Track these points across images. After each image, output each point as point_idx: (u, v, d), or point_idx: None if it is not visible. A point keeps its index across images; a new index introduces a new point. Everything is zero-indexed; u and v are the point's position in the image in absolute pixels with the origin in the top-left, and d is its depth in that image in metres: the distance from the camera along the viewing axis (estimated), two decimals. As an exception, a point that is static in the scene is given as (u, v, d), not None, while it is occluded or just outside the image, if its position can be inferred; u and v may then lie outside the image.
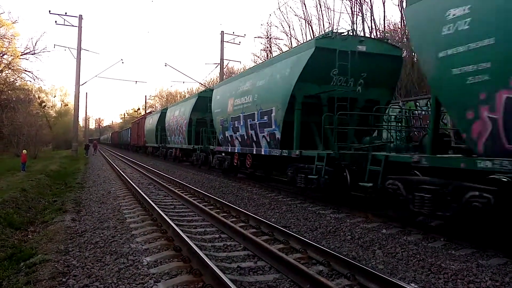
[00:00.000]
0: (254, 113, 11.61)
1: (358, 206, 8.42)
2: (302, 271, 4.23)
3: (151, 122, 32.30)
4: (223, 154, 15.15)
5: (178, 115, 22.56)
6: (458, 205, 5.46)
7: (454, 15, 5.47)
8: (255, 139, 11.94)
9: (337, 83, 9.54)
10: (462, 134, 5.75)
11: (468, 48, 5.26)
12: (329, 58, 9.15)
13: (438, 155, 6.24)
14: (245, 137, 12.64)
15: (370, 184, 7.30)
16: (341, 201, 8.94)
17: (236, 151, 13.63)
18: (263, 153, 11.48)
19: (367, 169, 7.45)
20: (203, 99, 18.77)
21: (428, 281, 4.43)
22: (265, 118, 10.93)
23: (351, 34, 9.68)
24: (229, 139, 14.15)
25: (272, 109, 10.51)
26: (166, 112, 27.07)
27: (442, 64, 5.71)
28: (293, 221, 7.55)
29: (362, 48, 9.51)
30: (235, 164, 14.03)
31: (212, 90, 17.25)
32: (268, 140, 11.09)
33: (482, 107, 5.16)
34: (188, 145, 20.84)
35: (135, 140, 42.08)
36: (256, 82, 11.73)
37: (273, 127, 10.56)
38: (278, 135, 10.40)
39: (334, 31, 9.63)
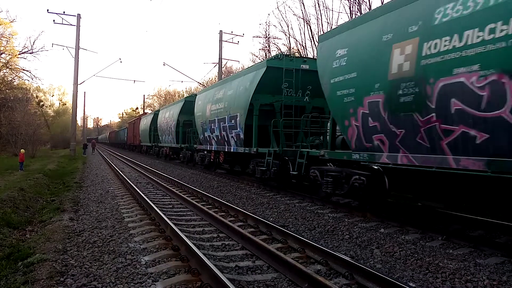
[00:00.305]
0: (225, 117, 13.92)
1: (297, 190, 10.77)
2: (300, 270, 4.24)
3: (145, 122, 34.32)
4: (205, 152, 17.41)
5: (168, 117, 24.61)
6: (348, 185, 7.75)
7: (339, 54, 7.78)
8: (226, 139, 14.23)
9: (288, 94, 11.85)
10: (344, 136, 8.00)
11: (344, 77, 7.56)
12: (279, 74, 11.55)
13: (334, 151, 8.49)
14: (219, 137, 14.93)
15: (296, 172, 9.82)
16: (286, 186, 11.28)
17: (213, 149, 16.06)
18: (232, 150, 13.83)
19: (296, 161, 9.84)
20: (189, 103, 20.49)
21: (426, 280, 4.44)
22: (233, 121, 13.26)
23: (297, 55, 12.67)
24: (208, 139, 16.49)
25: (237, 115, 12.83)
26: (158, 114, 28.80)
27: (332, 88, 7.98)
28: (292, 221, 7.56)
29: (305, 66, 11.82)
30: (211, 160, 16.49)
31: (196, 95, 19.53)
32: (235, 140, 13.37)
33: (352, 118, 7.44)
34: (176, 144, 22.91)
35: (131, 140, 44.06)
36: (227, 91, 14.11)
37: (238, 129, 12.89)
38: (241, 136, 12.71)
39: (282, 54, 12.54)
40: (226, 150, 14.50)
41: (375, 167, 7.38)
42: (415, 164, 6.10)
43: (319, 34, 13.91)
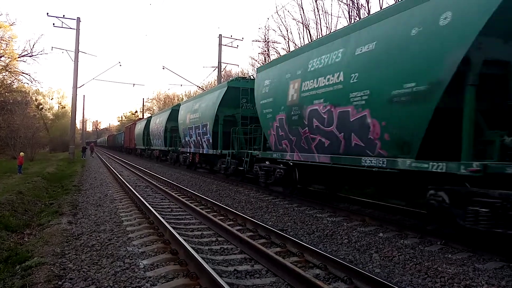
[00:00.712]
0: (199, 125, 17.15)
1: (251, 182, 13.37)
2: (299, 274, 4.23)
3: (139, 127, 37.18)
4: (187, 154, 20.36)
5: (158, 123, 27.46)
6: (274, 176, 10.61)
7: (265, 84, 10.78)
8: (200, 143, 17.47)
9: (245, 107, 14.92)
10: (268, 141, 11.11)
11: (267, 100, 10.62)
12: (237, 92, 14.83)
13: (265, 151, 11.45)
14: (196, 142, 18.21)
15: (242, 168, 13.01)
16: (241, 179, 14.26)
17: (191, 151, 19.29)
18: (205, 152, 17.17)
19: (244, 160, 12.89)
20: (175, 111, 23.06)
21: (425, 285, 4.44)
22: (204, 129, 16.54)
23: (252, 78, 15.15)
24: (188, 143, 19.72)
25: (207, 123, 16.02)
26: (150, 120, 31.70)
27: (261, 107, 11.06)
28: (290, 225, 7.55)
29: None
30: (190, 160, 20.05)
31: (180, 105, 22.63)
32: (206, 143, 16.60)
33: (271, 129, 10.58)
34: (164, 147, 25.81)
35: (127, 143, 46.43)
36: (201, 104, 17.38)
37: (208, 135, 16.08)
38: (211, 140, 15.89)
39: (239, 77, 16.19)
40: (200, 152, 17.66)
41: (290, 163, 10.01)
42: (301, 160, 9.29)
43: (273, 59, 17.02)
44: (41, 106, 54.36)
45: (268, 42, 25.20)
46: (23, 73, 33.54)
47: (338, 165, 7.85)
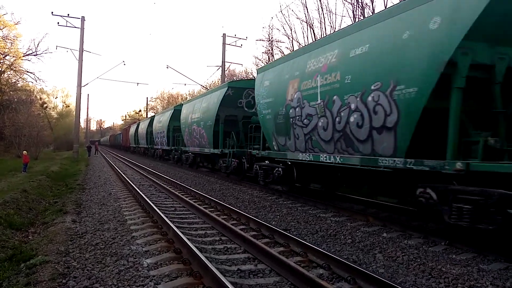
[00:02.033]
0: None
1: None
2: (303, 274, 4.22)
3: (132, 130, 41.96)
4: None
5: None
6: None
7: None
8: (202, 142, 17.53)
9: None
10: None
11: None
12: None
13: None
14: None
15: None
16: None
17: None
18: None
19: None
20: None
21: (429, 285, 4.42)
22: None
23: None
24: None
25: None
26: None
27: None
28: (294, 224, 7.54)
29: None
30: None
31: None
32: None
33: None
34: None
35: (124, 142, 54.19)
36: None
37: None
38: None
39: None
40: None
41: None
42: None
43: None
44: (45, 105, 54.57)
45: (272, 41, 25.20)
46: (27, 72, 33.79)
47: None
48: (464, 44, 5.30)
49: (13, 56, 31.50)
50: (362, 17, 17.21)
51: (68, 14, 27.84)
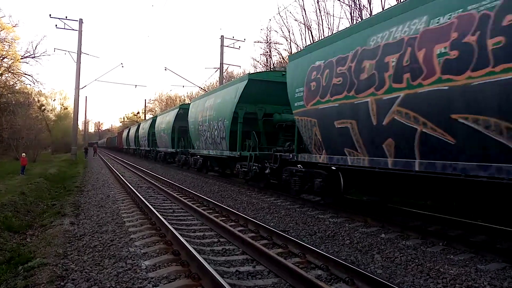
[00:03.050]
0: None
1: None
2: (301, 275, 4.23)
3: (126, 133, 45.45)
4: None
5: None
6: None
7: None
8: (215, 144, 15.34)
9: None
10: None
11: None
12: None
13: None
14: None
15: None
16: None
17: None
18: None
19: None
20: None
21: (427, 286, 4.43)
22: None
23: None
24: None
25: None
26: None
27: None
28: (292, 226, 7.55)
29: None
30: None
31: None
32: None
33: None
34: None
35: (119, 144, 59.62)
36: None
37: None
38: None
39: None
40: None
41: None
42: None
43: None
44: (43, 107, 54.41)
45: (270, 43, 25.21)
46: (25, 74, 33.67)
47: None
48: (239, 104, 13.01)
49: (11, 59, 31.42)
50: (360, 19, 17.28)
51: (66, 17, 27.96)
